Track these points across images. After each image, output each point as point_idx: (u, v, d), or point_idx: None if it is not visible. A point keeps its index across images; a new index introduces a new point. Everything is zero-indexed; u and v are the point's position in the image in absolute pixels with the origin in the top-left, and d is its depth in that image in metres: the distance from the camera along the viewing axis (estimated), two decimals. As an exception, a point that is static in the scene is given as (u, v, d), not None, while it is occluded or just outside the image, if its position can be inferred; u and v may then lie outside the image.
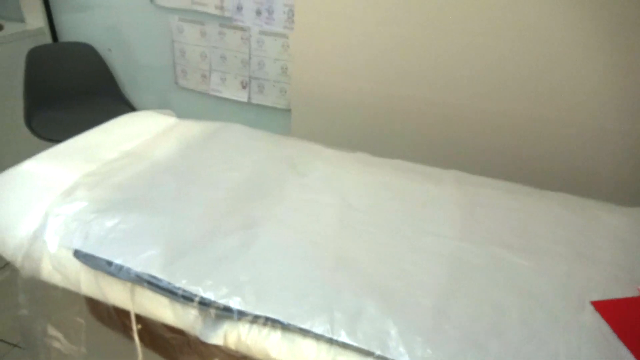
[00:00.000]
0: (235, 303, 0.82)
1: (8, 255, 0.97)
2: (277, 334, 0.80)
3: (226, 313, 0.82)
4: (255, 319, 0.81)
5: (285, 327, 0.79)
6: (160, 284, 0.85)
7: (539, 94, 1.43)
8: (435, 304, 0.84)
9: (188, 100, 2.02)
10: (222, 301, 0.82)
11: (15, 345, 1.73)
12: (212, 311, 0.83)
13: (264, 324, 0.80)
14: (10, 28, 1.99)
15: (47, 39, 2.08)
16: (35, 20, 2.05)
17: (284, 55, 1.74)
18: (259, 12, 1.70)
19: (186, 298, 0.84)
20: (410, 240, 0.99)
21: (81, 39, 2.08)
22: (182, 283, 0.85)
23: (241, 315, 0.81)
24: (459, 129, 1.56)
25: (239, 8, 1.72)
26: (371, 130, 1.70)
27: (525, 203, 1.12)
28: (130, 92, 2.13)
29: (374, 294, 0.84)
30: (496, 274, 0.91)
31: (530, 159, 1.52)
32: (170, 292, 0.85)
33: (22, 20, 2.08)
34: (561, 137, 1.46)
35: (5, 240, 0.97)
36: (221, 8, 1.75)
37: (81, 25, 2.06)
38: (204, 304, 0.83)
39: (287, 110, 1.84)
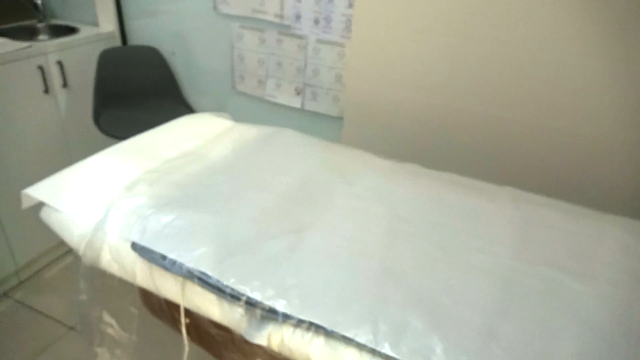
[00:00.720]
0: (280, 306, 0.83)
1: (73, 243, 1.03)
2: (320, 340, 0.80)
3: (271, 315, 0.83)
4: (299, 323, 0.81)
5: (328, 334, 0.79)
6: (210, 281, 0.88)
7: (600, 110, 1.37)
8: (484, 323, 0.81)
9: (244, 104, 2.08)
10: (268, 303, 0.84)
11: (71, 328, 1.84)
12: (258, 312, 0.85)
13: (308, 329, 0.81)
14: (86, 31, 2.13)
15: (117, 42, 2.21)
16: (108, 24, 2.18)
17: (339, 64, 1.76)
18: (317, 21, 1.73)
19: (234, 297, 0.86)
20: (460, 256, 0.97)
21: (148, 42, 2.19)
22: (230, 282, 0.87)
23: (286, 318, 0.82)
24: (515, 145, 1.52)
25: (298, 17, 1.75)
26: (423, 142, 1.68)
27: (584, 225, 1.07)
28: (190, 94, 2.21)
29: (420, 308, 0.83)
30: (550, 297, 0.88)
31: (595, 179, 1.45)
32: (218, 290, 0.87)
33: (96, 24, 2.23)
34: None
35: (71, 228, 1.03)
36: (281, 16, 1.79)
37: (148, 29, 2.17)
38: (251, 304, 0.85)
39: (339, 118, 1.86)
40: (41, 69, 1.87)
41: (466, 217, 1.08)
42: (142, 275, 0.95)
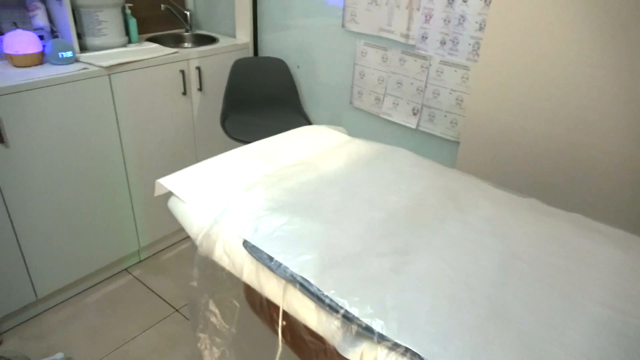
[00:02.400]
0: (377, 325, 0.82)
1: (192, 232, 1.12)
2: (415, 368, 0.77)
3: (367, 333, 0.82)
4: (394, 347, 0.79)
5: (424, 364, 0.76)
6: (311, 289, 0.89)
7: None
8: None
9: (358, 119, 2.11)
10: (365, 320, 0.83)
11: (176, 310, 1.99)
12: (354, 327, 0.84)
13: (403, 354, 0.78)
14: (224, 42, 2.33)
15: (250, 53, 2.38)
16: (244, 36, 2.36)
17: (461, 87, 1.71)
18: (443, 42, 1.70)
19: (332, 308, 0.86)
20: (578, 305, 0.87)
21: (276, 54, 2.33)
22: (330, 292, 0.88)
23: (382, 339, 0.81)
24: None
25: (424, 37, 1.74)
26: (545, 176, 1.55)
27: None
28: (309, 105, 2.30)
29: (528, 356, 0.76)
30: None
31: None
32: (318, 299, 0.88)
33: (233, 36, 2.43)
34: None
35: (192, 219, 1.12)
36: (407, 36, 1.79)
37: (278, 42, 2.31)
38: (348, 318, 0.84)
39: (455, 142, 1.80)
40: (182, 73, 2.08)
41: (589, 264, 0.97)
42: (249, 272, 1.00)
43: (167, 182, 1.22)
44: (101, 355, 1.76)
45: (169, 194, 1.21)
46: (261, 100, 2.32)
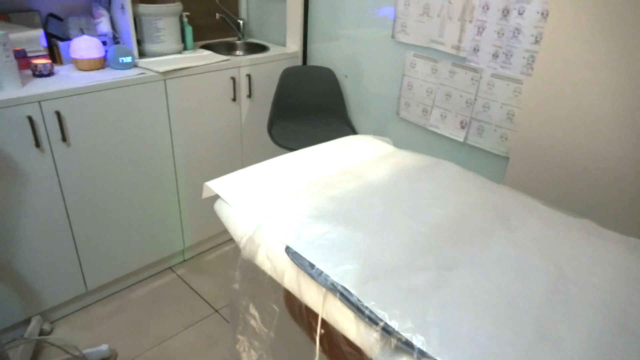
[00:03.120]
0: (418, 341, 0.80)
1: (236, 235, 1.14)
2: (455, 388, 0.75)
3: (406, 347, 0.81)
4: (435, 364, 0.78)
5: (465, 384, 0.74)
6: (351, 299, 0.89)
7: None
8: None
9: (404, 131, 2.09)
10: (406, 335, 0.82)
11: (216, 311, 2.03)
12: (393, 341, 0.83)
13: (444, 373, 0.77)
14: (274, 50, 2.38)
15: (299, 62, 2.42)
16: (294, 45, 2.40)
17: (513, 101, 1.66)
18: (495, 55, 1.66)
19: (371, 320, 0.86)
20: (635, 336, 0.82)
21: (325, 64, 2.36)
22: (370, 304, 0.87)
23: (422, 355, 0.79)
24: None
25: (476, 49, 1.71)
26: (602, 198, 1.48)
27: None
28: (355, 115, 2.31)
29: (578, 384, 0.72)
30: None
31: None
32: (357, 309, 0.88)
33: (283, 44, 2.48)
34: None
35: (237, 222, 1.15)
36: (458, 48, 1.76)
37: (327, 52, 2.33)
38: (387, 331, 0.83)
39: (504, 157, 1.75)
40: (233, 79, 2.14)
41: (650, 294, 0.92)
42: (290, 278, 1.01)
43: (215, 185, 1.25)
44: (143, 349, 1.82)
45: (216, 196, 1.25)
46: (308, 109, 2.34)
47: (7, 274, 1.72)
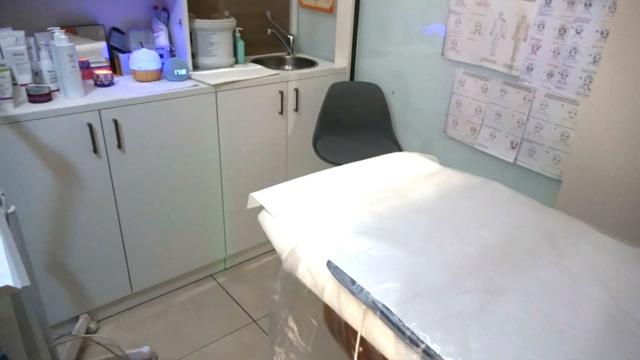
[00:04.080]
0: (460, 366, 0.78)
1: (279, 247, 1.15)
2: (499, 419, 0.72)
3: (448, 372, 0.79)
4: (477, 392, 0.75)
5: (510, 416, 0.71)
6: (392, 318, 0.88)
7: None
8: None
9: (451, 149, 2.06)
10: (448, 359, 0.79)
11: (254, 321, 2.04)
12: (434, 364, 0.81)
13: (486, 402, 0.74)
14: (322, 65, 2.41)
15: (346, 77, 2.44)
16: (342, 61, 2.43)
17: (568, 122, 1.60)
18: (550, 75, 1.61)
19: (412, 341, 0.84)
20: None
21: (372, 79, 2.36)
22: (412, 325, 0.85)
23: (464, 381, 0.76)
24: None
25: (530, 68, 1.66)
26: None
27: None
28: (400, 132, 2.29)
29: None
30: None
31: None
32: (398, 329, 0.86)
33: (332, 60, 2.51)
34: None
35: (280, 234, 1.16)
36: (510, 67, 1.72)
37: (375, 68, 2.34)
38: (428, 354, 0.81)
39: (556, 180, 1.68)
40: (281, 93, 2.18)
41: None
42: (330, 293, 1.00)
43: (260, 196, 1.27)
44: (182, 354, 1.86)
45: (260, 207, 1.27)
46: (353, 124, 2.35)
47: (62, 273, 1.81)
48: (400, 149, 2.25)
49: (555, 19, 1.55)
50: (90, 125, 1.67)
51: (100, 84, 1.85)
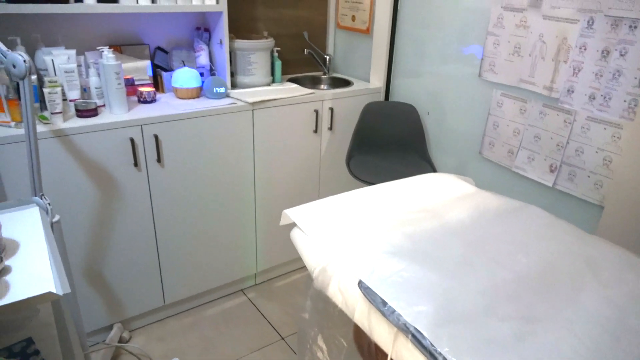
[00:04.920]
0: (494, 396, 0.75)
1: (310, 265, 1.16)
2: None
3: (481, 402, 0.76)
4: None
5: None
6: (423, 342, 0.86)
7: None
8: None
9: (487, 171, 2.02)
10: (481, 387, 0.77)
11: (282, 338, 2.04)
12: (467, 392, 0.78)
13: None
14: (358, 85, 2.43)
15: (381, 97, 2.44)
16: (377, 81, 2.44)
17: (611, 147, 1.55)
18: (592, 97, 1.57)
19: (444, 367, 0.82)
20: None
21: (407, 100, 2.36)
22: (444, 350, 0.83)
23: (498, 412, 0.74)
24: None
25: (570, 91, 1.63)
26: None
27: None
28: (435, 152, 2.27)
29: None
30: None
31: None
32: (430, 354, 0.84)
33: (367, 80, 2.52)
34: None
35: (312, 252, 1.16)
36: (550, 89, 1.69)
37: (410, 88, 2.34)
38: (461, 381, 0.79)
39: (598, 206, 1.62)
40: (316, 112, 2.21)
41: None
42: (361, 313, 0.99)
43: (293, 214, 1.28)
44: (211, 368, 1.87)
45: (292, 224, 1.27)
46: (387, 144, 2.35)
47: (98, 281, 1.86)
48: (434, 170, 2.22)
49: (598, 40, 1.52)
50: (132, 140, 1.73)
51: (143, 100, 1.92)
